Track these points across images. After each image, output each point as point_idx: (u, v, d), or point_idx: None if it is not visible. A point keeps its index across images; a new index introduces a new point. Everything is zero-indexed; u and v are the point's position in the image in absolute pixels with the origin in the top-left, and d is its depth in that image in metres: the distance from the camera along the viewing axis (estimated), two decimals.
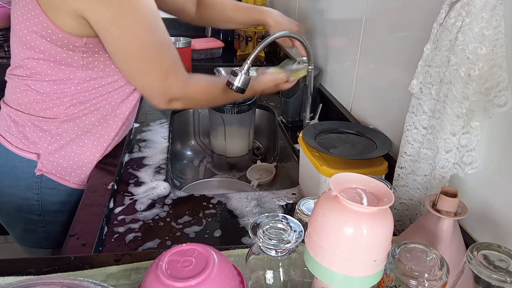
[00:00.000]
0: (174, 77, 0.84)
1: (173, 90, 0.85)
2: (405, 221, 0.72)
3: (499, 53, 0.54)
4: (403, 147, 0.69)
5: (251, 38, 1.99)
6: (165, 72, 0.83)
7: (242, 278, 0.48)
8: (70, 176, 0.93)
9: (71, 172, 0.92)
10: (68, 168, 0.92)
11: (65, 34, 0.78)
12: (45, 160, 0.89)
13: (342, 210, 0.40)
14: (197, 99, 0.93)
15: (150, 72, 0.82)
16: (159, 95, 0.85)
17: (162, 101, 0.86)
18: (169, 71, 0.84)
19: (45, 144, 0.88)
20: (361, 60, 1.01)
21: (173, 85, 0.85)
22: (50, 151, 0.89)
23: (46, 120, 0.88)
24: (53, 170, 0.90)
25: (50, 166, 0.90)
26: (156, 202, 0.85)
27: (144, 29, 0.78)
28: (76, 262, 0.61)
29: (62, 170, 0.91)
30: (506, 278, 0.39)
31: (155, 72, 0.82)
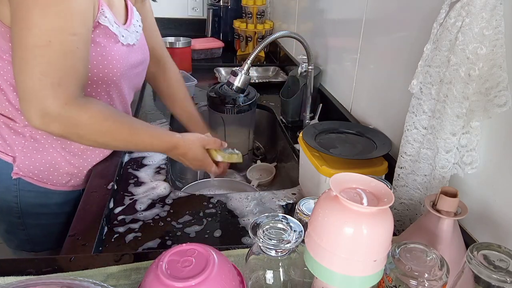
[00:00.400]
0: (56, 84, 0.66)
1: (46, 101, 0.66)
2: (405, 221, 0.72)
3: (499, 53, 0.54)
4: (403, 147, 0.69)
5: (251, 38, 1.99)
6: (43, 75, 0.66)
7: (242, 278, 0.48)
8: (48, 178, 0.89)
9: (49, 174, 0.89)
10: (45, 171, 0.88)
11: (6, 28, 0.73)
12: (21, 164, 0.86)
13: (342, 210, 0.40)
14: (83, 128, 0.71)
15: (26, 63, 0.66)
16: (32, 101, 0.66)
17: (34, 113, 0.67)
18: (49, 76, 0.66)
19: (19, 147, 0.85)
20: (361, 60, 1.01)
21: (49, 93, 0.66)
22: (25, 154, 0.85)
23: (17, 124, 0.84)
24: (30, 173, 0.87)
25: (26, 169, 0.87)
26: (156, 202, 0.85)
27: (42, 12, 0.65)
28: (76, 262, 0.61)
29: (39, 173, 0.88)
30: (506, 278, 0.39)
31: (32, 66, 0.66)
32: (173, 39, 1.66)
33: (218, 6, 2.11)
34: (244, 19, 2.00)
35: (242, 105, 1.12)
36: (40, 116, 0.67)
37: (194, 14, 2.35)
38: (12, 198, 0.89)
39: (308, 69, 1.13)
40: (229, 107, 1.11)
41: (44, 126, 0.68)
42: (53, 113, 0.67)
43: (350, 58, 1.08)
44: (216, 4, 2.11)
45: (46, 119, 0.67)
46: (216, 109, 1.15)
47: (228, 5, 2.09)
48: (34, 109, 0.67)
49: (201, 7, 2.34)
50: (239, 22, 2.00)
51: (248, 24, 1.98)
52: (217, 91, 1.14)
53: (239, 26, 1.99)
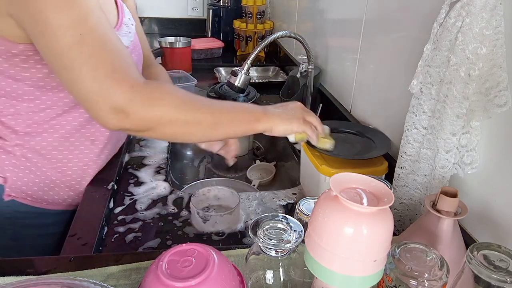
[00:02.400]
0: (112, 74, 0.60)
1: (116, 95, 0.60)
2: (405, 221, 0.72)
3: (499, 53, 0.54)
4: (403, 147, 0.69)
5: (251, 38, 1.99)
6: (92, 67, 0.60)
7: (242, 278, 0.48)
8: (43, 198, 0.84)
9: (43, 194, 0.84)
10: (39, 191, 0.83)
11: None
12: (13, 184, 0.80)
13: (342, 210, 0.40)
14: (159, 105, 0.62)
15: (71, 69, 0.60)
16: (99, 102, 0.60)
17: (105, 111, 0.60)
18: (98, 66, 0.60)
19: (10, 167, 0.80)
20: (361, 60, 1.01)
21: (114, 86, 0.60)
22: (17, 174, 0.80)
23: (7, 143, 0.79)
24: (23, 194, 0.82)
25: (19, 190, 0.81)
26: (156, 202, 0.85)
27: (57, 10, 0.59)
28: (76, 262, 0.61)
29: (33, 193, 0.82)
30: (506, 278, 0.39)
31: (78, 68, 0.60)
32: (173, 39, 1.66)
33: (218, 6, 2.11)
34: (244, 19, 2.00)
35: None
36: (115, 114, 0.60)
37: (194, 14, 2.35)
38: (5, 220, 0.83)
39: (308, 69, 1.13)
40: None
41: (123, 123, 0.61)
42: (125, 103, 0.60)
43: (350, 58, 1.08)
44: (216, 4, 2.11)
45: (121, 113, 0.60)
46: None
47: (228, 5, 2.09)
48: (105, 111, 0.60)
49: (201, 7, 2.34)
50: (239, 22, 2.00)
51: (248, 24, 1.98)
52: (217, 91, 1.14)
53: (239, 26, 1.99)
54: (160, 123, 0.63)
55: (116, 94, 0.60)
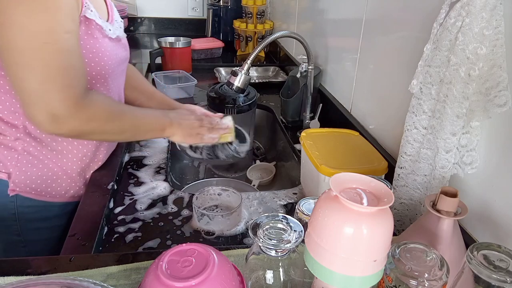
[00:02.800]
0: (59, 85, 0.65)
1: (53, 102, 0.65)
2: (405, 221, 0.72)
3: (499, 53, 0.54)
4: (403, 147, 0.69)
5: (251, 38, 1.99)
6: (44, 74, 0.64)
7: (242, 278, 0.48)
8: (46, 190, 0.85)
9: (47, 186, 0.85)
10: (43, 184, 0.84)
11: None
12: (17, 179, 0.82)
13: (342, 210, 0.40)
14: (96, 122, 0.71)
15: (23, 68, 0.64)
16: (35, 103, 0.65)
17: (44, 119, 0.65)
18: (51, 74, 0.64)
19: (13, 162, 0.81)
20: (361, 60, 1.01)
21: (56, 96, 0.65)
22: (20, 169, 0.81)
23: (8, 138, 0.80)
24: (27, 188, 0.83)
25: (23, 184, 0.82)
26: (156, 202, 0.85)
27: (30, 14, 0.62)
28: (76, 262, 0.61)
29: (37, 186, 0.84)
30: (506, 278, 0.39)
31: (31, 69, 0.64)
32: (173, 39, 1.66)
33: (218, 6, 2.11)
34: (244, 19, 2.00)
35: (242, 105, 1.12)
36: (51, 121, 0.66)
37: (194, 14, 2.35)
38: (10, 215, 0.84)
39: (308, 69, 1.13)
40: (229, 107, 1.11)
41: (57, 129, 0.68)
42: (65, 115, 0.66)
43: (350, 58, 1.08)
44: (216, 4, 2.11)
45: (58, 122, 0.66)
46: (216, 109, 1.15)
47: (228, 5, 2.09)
48: (43, 115, 0.65)
49: (201, 7, 2.34)
50: (239, 22, 2.00)
51: (248, 24, 1.98)
52: (217, 91, 1.14)
53: (239, 26, 1.99)
54: (91, 133, 0.74)
55: (59, 106, 0.65)
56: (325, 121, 1.18)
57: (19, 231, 0.86)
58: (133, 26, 2.34)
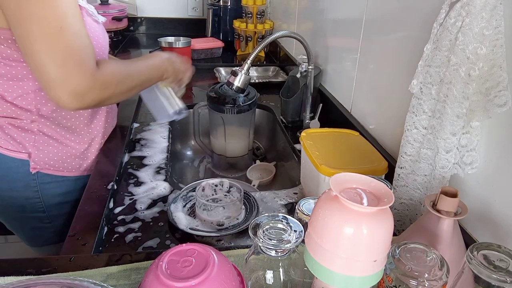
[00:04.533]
0: (78, 65, 0.72)
1: (75, 81, 0.72)
2: (405, 221, 0.72)
3: (499, 53, 0.54)
4: (403, 147, 0.69)
5: (251, 38, 1.99)
6: (64, 56, 0.71)
7: (242, 278, 0.48)
8: (63, 166, 0.93)
9: (64, 162, 0.93)
10: (59, 160, 0.92)
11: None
12: (37, 158, 0.89)
13: (342, 210, 0.40)
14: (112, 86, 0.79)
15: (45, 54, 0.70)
16: (59, 85, 0.71)
17: (68, 97, 0.72)
18: (70, 56, 0.71)
19: (31, 142, 0.88)
20: (361, 60, 1.01)
21: (75, 74, 0.72)
22: (38, 148, 0.89)
23: (24, 121, 0.86)
24: (47, 165, 0.91)
25: (42, 162, 0.90)
26: (156, 202, 0.85)
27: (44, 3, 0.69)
28: (76, 262, 0.61)
29: (55, 163, 0.92)
30: (506, 278, 0.39)
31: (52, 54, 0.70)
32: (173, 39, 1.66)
33: (218, 6, 2.11)
34: (244, 19, 2.00)
35: (242, 105, 1.12)
36: (74, 98, 0.73)
37: (194, 14, 2.35)
38: (34, 193, 0.92)
39: (308, 69, 1.13)
40: (229, 107, 1.11)
41: (80, 103, 0.74)
42: (86, 89, 0.73)
43: (350, 58, 1.08)
44: (216, 4, 2.11)
45: (80, 97, 0.73)
46: (216, 109, 1.15)
47: (228, 5, 2.09)
48: (66, 95, 0.72)
49: (201, 7, 2.34)
50: (239, 22, 2.00)
51: (248, 24, 1.98)
52: (217, 91, 1.14)
53: (239, 26, 1.99)
54: (109, 99, 0.81)
55: (80, 83, 0.72)
56: (325, 121, 1.18)
57: (44, 207, 0.95)
58: (133, 26, 2.34)
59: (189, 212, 0.80)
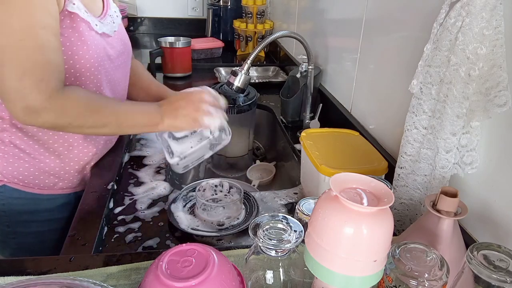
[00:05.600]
0: (35, 82, 0.66)
1: (30, 98, 0.66)
2: (405, 221, 0.72)
3: (499, 53, 0.54)
4: (403, 147, 0.69)
5: (251, 38, 1.99)
6: (22, 70, 0.66)
7: (242, 278, 0.48)
8: (34, 182, 0.86)
9: (35, 178, 0.86)
10: (30, 176, 0.85)
11: None
12: (4, 170, 0.84)
13: (342, 210, 0.40)
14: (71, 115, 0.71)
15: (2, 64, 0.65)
16: (14, 98, 0.66)
17: (21, 111, 0.67)
18: (28, 71, 0.66)
19: (0, 154, 0.83)
20: (361, 60, 1.01)
21: (31, 90, 0.66)
22: (7, 160, 0.83)
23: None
24: (15, 180, 0.85)
25: (11, 175, 0.84)
26: (156, 202, 0.85)
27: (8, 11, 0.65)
28: (76, 262, 0.61)
29: (24, 178, 0.85)
30: (506, 278, 0.39)
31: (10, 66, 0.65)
32: (173, 39, 1.66)
33: (218, 6, 2.11)
34: (244, 19, 2.00)
35: (242, 105, 1.12)
36: (27, 113, 0.67)
37: (194, 14, 2.35)
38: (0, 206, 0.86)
39: (308, 69, 1.13)
40: (229, 107, 1.11)
41: (32, 121, 0.69)
42: (39, 108, 0.67)
43: (350, 58, 1.08)
44: (216, 4, 2.11)
45: (33, 114, 0.68)
46: None
47: (228, 5, 2.09)
48: (19, 108, 0.67)
49: (201, 7, 2.34)
50: (239, 22, 2.00)
51: (248, 24, 1.98)
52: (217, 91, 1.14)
53: (239, 26, 1.99)
54: (66, 127, 0.72)
55: (35, 99, 0.66)
56: (325, 121, 1.18)
57: (8, 222, 0.88)
58: (133, 26, 2.34)
59: (189, 212, 0.80)
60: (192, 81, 1.65)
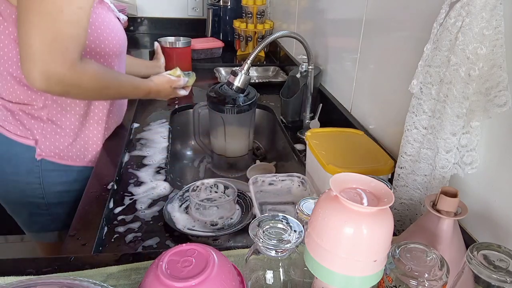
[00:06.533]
0: (62, 50, 0.73)
1: (52, 63, 0.73)
2: (405, 221, 0.72)
3: (499, 53, 0.54)
4: (403, 147, 0.69)
5: (251, 38, 1.99)
6: (53, 37, 0.72)
7: (242, 278, 0.48)
8: (68, 155, 0.96)
9: (68, 151, 0.95)
10: (64, 149, 0.95)
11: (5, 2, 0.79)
12: (43, 145, 0.92)
13: (342, 210, 0.40)
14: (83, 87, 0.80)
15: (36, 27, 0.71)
16: (35, 60, 0.72)
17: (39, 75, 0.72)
18: (59, 41, 0.72)
19: (39, 130, 0.91)
20: (361, 60, 1.01)
21: (56, 56, 0.73)
22: (45, 136, 0.92)
23: (33, 107, 0.89)
24: (52, 153, 0.93)
25: (48, 149, 0.93)
26: (156, 202, 0.85)
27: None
28: (76, 262, 0.61)
29: (60, 151, 0.94)
30: (506, 278, 0.39)
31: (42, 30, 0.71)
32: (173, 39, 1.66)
33: (218, 6, 2.11)
34: (244, 19, 2.00)
35: (242, 105, 1.12)
36: (45, 78, 0.73)
37: (194, 14, 2.35)
38: (35, 179, 0.94)
39: (308, 69, 1.13)
40: (229, 107, 1.11)
41: (47, 87, 0.75)
42: (59, 76, 0.74)
43: (350, 58, 1.08)
44: (216, 4, 2.11)
45: (50, 80, 0.74)
46: (216, 109, 1.15)
47: (228, 5, 2.09)
48: (38, 71, 0.72)
49: (201, 7, 2.34)
50: (239, 22, 2.00)
51: (248, 24, 1.98)
52: (217, 91, 1.14)
53: (239, 26, 1.99)
54: (78, 94, 0.83)
55: (56, 67, 0.73)
56: (325, 121, 1.18)
57: (43, 194, 0.97)
58: (133, 26, 2.34)
59: (185, 212, 0.80)
60: None
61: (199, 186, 0.83)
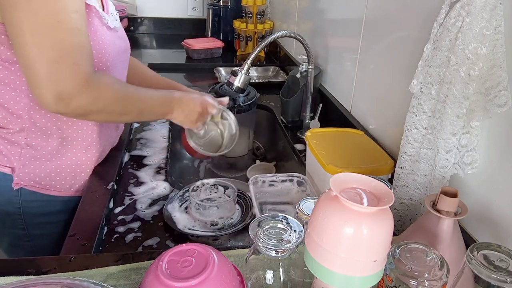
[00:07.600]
0: (71, 64, 0.65)
1: (64, 82, 0.65)
2: (405, 221, 0.72)
3: (499, 53, 0.54)
4: (403, 147, 0.69)
5: (251, 38, 1.99)
6: (58, 54, 0.64)
7: (242, 278, 0.48)
8: (51, 184, 0.86)
9: (51, 180, 0.85)
10: (47, 177, 0.85)
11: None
12: (21, 173, 0.82)
13: (342, 210, 0.40)
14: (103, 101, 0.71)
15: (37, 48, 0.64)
16: (46, 84, 0.64)
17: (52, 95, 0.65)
18: (64, 54, 0.65)
19: (16, 156, 0.81)
20: (361, 60, 1.01)
21: (66, 74, 0.65)
22: (24, 163, 0.82)
23: (9, 131, 0.80)
24: (32, 182, 0.84)
25: (27, 178, 0.83)
26: (156, 202, 0.85)
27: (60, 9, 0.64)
28: (76, 262, 0.61)
29: (41, 179, 0.84)
30: (506, 278, 0.39)
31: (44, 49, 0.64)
32: None
33: (218, 6, 2.11)
34: (244, 19, 2.00)
35: (242, 105, 1.12)
36: (59, 99, 0.65)
37: (194, 14, 2.35)
38: (15, 210, 0.85)
39: (308, 69, 1.13)
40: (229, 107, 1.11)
41: (65, 108, 0.67)
42: (73, 93, 0.66)
43: (350, 58, 1.08)
44: (216, 4, 2.11)
45: (66, 100, 0.66)
46: None
47: (228, 5, 2.09)
48: (52, 94, 0.65)
49: (201, 7, 2.34)
50: (239, 22, 2.00)
51: (248, 24, 1.98)
52: (217, 91, 1.14)
53: (239, 26, 1.99)
54: (96, 113, 0.72)
55: (68, 84, 0.65)
56: (325, 121, 1.18)
57: (24, 225, 0.87)
58: (133, 26, 2.34)
59: (185, 212, 0.80)
60: (192, 81, 1.65)
61: (199, 186, 0.83)
